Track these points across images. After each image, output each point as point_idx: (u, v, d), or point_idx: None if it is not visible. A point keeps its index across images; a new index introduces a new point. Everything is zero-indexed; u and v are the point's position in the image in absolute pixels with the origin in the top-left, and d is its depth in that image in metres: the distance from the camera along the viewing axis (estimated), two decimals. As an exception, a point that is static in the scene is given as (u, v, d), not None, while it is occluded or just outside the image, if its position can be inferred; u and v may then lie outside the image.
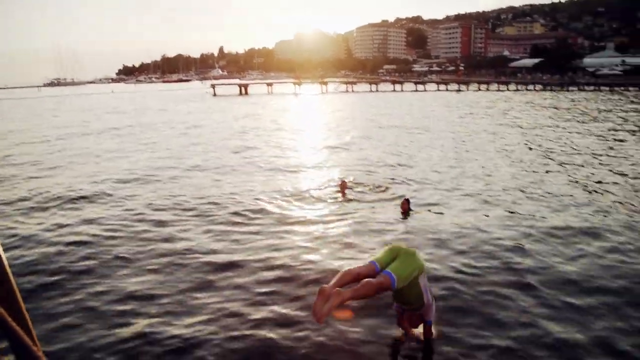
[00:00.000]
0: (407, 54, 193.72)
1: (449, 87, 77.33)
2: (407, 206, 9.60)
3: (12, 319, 1.12)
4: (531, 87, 75.38)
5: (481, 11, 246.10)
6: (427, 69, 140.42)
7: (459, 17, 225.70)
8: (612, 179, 12.57)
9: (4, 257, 1.28)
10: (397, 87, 75.63)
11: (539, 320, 5.38)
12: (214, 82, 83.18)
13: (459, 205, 10.28)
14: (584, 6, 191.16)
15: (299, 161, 15.72)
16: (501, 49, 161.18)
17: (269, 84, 73.05)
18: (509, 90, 71.68)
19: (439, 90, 73.71)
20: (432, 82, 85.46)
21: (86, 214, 9.81)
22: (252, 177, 13.23)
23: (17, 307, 1.32)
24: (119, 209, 10.14)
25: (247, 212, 9.71)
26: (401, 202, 9.76)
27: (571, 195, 10.98)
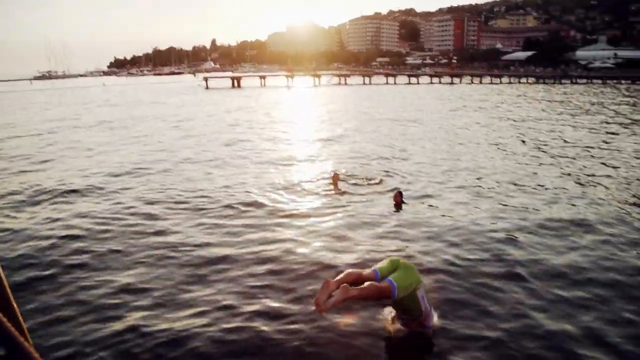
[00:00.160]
0: (400, 47, 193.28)
1: (442, 80, 77.43)
2: (399, 198, 9.61)
3: (2, 313, 1.11)
4: (524, 80, 75.67)
5: (474, 4, 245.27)
6: (420, 61, 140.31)
7: (451, 10, 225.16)
8: (604, 172, 12.64)
9: None
10: (390, 80, 75.53)
11: (530, 312, 5.41)
12: (206, 74, 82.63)
13: (451, 197, 10.30)
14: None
15: (292, 154, 15.69)
16: (494, 41, 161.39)
17: (262, 77, 72.75)
18: (501, 83, 71.89)
19: (432, 83, 73.78)
20: (425, 74, 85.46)
21: (78, 208, 9.74)
22: (245, 170, 13.19)
23: (6, 300, 1.31)
24: (111, 203, 10.08)
25: (239, 205, 9.68)
26: (394, 195, 9.77)
27: (563, 188, 11.03)
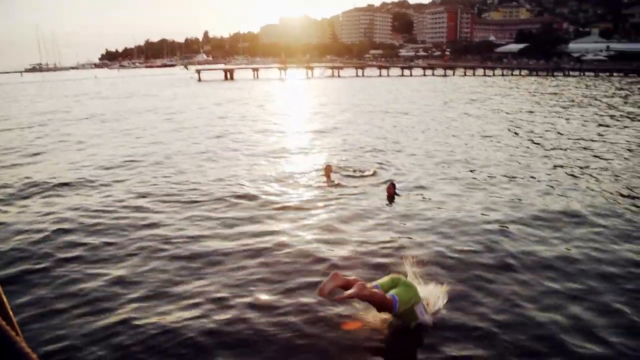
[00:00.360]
0: (394, 39, 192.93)
1: (435, 72, 77.39)
2: (392, 190, 9.60)
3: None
4: (517, 72, 75.74)
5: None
6: (413, 54, 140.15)
7: (445, 2, 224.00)
8: (597, 164, 12.69)
9: None
10: (384, 72, 75.44)
11: (523, 303, 5.43)
12: (199, 67, 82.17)
13: (444, 189, 10.31)
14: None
15: (284, 146, 15.64)
16: (487, 34, 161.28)
17: (255, 69, 72.42)
18: (494, 75, 71.98)
19: (425, 75, 73.75)
20: (418, 67, 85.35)
21: (69, 201, 9.66)
22: (237, 163, 13.13)
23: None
24: (102, 196, 10.01)
25: (231, 198, 9.64)
26: (387, 186, 9.76)
27: (556, 180, 11.07)
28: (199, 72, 66.76)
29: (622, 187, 10.40)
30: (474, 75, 73.00)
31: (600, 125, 20.19)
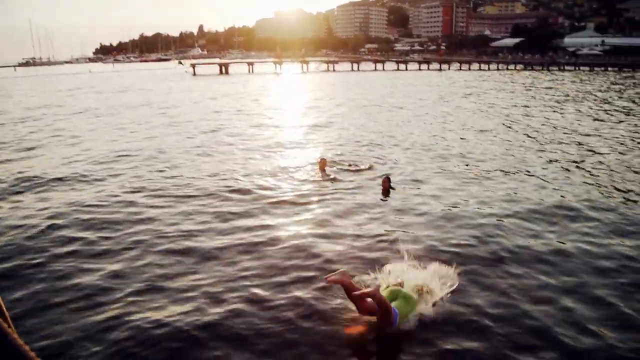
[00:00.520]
0: (389, 33, 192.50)
1: (430, 66, 77.29)
2: (387, 184, 9.59)
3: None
4: (512, 66, 75.75)
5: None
6: (408, 48, 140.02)
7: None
8: (592, 159, 12.72)
9: None
10: (379, 67, 75.42)
11: (517, 297, 5.45)
12: (194, 61, 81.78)
13: (439, 183, 10.31)
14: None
15: (279, 140, 15.58)
16: (482, 28, 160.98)
17: (250, 63, 72.11)
18: (490, 69, 71.99)
19: (420, 69, 73.75)
20: (413, 61, 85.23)
21: (63, 196, 9.60)
22: (232, 157, 13.08)
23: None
24: (96, 191, 9.95)
25: (226, 193, 9.60)
26: (382, 180, 9.75)
27: (551, 174, 11.09)
28: (193, 66, 66.44)
29: (617, 181, 10.43)
30: (470, 69, 73.08)
31: (595, 119, 20.23)
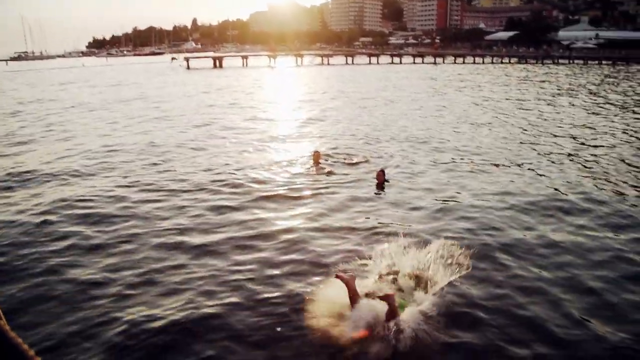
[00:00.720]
0: (383, 27, 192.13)
1: (425, 60, 77.23)
2: (382, 177, 9.56)
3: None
4: (506, 60, 75.76)
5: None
6: (403, 41, 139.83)
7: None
8: (586, 152, 12.74)
9: None
10: (373, 60, 75.27)
11: (510, 291, 5.46)
12: (188, 55, 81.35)
13: (434, 176, 10.30)
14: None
15: (273, 134, 15.54)
16: (477, 21, 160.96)
17: (244, 57, 71.77)
18: (484, 63, 72.03)
19: (414, 63, 73.66)
20: (408, 54, 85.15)
21: (55, 191, 9.53)
22: (225, 151, 13.01)
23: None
24: (89, 185, 9.87)
25: (220, 186, 9.55)
26: (377, 174, 9.71)
27: (546, 167, 11.10)
28: (187, 60, 66.11)
29: (611, 174, 10.45)
30: (464, 62, 73.09)
31: (589, 113, 20.26)
